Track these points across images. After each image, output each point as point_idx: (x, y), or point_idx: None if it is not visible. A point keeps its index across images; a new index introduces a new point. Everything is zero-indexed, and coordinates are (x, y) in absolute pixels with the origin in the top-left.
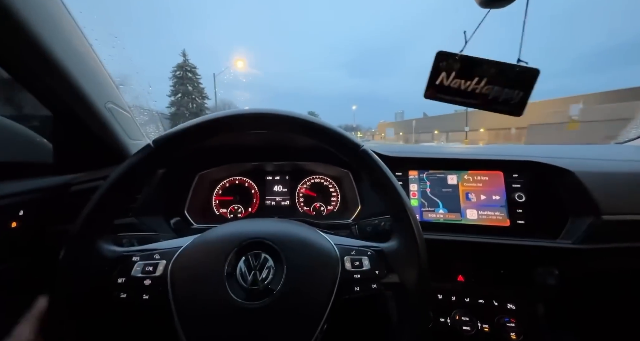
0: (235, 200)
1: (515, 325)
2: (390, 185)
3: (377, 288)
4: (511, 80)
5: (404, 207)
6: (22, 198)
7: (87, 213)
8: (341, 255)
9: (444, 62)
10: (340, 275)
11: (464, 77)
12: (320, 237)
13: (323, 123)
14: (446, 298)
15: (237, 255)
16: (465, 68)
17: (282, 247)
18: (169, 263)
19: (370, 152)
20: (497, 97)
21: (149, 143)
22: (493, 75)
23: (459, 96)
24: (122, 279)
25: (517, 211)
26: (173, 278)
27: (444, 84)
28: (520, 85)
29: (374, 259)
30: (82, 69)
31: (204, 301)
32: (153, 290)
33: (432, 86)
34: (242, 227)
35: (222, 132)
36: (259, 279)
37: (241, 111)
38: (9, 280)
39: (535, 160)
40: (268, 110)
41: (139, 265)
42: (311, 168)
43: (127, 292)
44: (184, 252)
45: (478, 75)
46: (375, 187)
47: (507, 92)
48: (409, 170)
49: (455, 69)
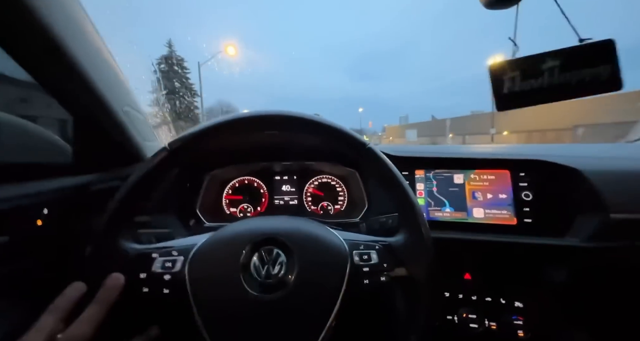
0: (245, 200)
1: (523, 322)
2: (396, 181)
3: (385, 281)
4: (588, 59)
5: (410, 203)
6: (46, 197)
7: (110, 214)
8: (350, 250)
9: (501, 71)
10: (349, 268)
11: (532, 77)
12: (329, 233)
13: (328, 122)
14: (453, 296)
15: (251, 251)
16: (529, 68)
17: (293, 242)
18: (186, 260)
19: (376, 150)
20: (582, 80)
21: (164, 147)
22: (564, 62)
23: (537, 95)
24: (143, 274)
25: (524, 209)
26: (191, 273)
27: (514, 90)
28: (600, 60)
29: (382, 253)
30: (100, 73)
31: (220, 294)
32: (173, 284)
33: (501, 97)
34: (256, 224)
35: (231, 134)
36: (273, 273)
37: (249, 113)
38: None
39: (542, 159)
40: (275, 111)
41: (159, 262)
42: (318, 168)
43: (148, 287)
44: (200, 249)
45: (546, 69)
46: (381, 184)
47: (591, 72)
48: (416, 170)
49: (517, 73)
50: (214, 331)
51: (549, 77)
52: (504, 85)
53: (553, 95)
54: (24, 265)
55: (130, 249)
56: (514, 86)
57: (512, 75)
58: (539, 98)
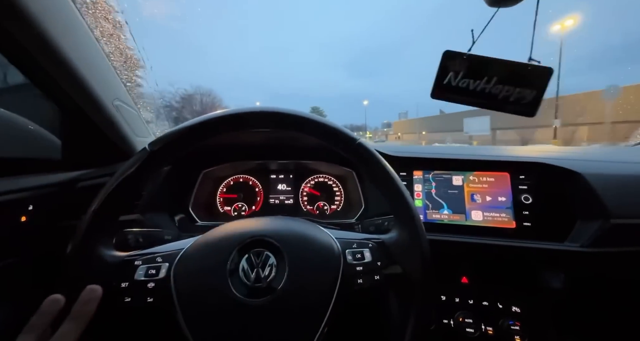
0: (240, 198)
1: (520, 328)
2: (388, 177)
3: (379, 279)
4: (523, 79)
5: (403, 198)
6: (32, 193)
7: (87, 222)
8: (342, 249)
9: (452, 61)
10: (342, 268)
11: (473, 77)
12: (321, 232)
13: (317, 118)
14: (449, 300)
15: (239, 254)
16: (473, 67)
17: (283, 243)
18: (171, 266)
19: (366, 145)
20: (507, 96)
21: (144, 147)
22: (503, 74)
23: (468, 96)
24: (125, 283)
25: (523, 213)
26: (176, 280)
27: (452, 83)
28: (532, 84)
29: (375, 251)
30: (90, 66)
31: (207, 301)
32: (157, 292)
33: (440, 86)
34: (243, 225)
35: (215, 133)
36: (262, 276)
37: (233, 111)
38: (19, 273)
39: (542, 161)
40: (260, 108)
41: (142, 269)
42: (315, 167)
43: (131, 296)
44: (186, 254)
45: (487, 74)
46: (373, 179)
47: (519, 92)
48: (414, 171)
49: (463, 68)
50: (197, 336)
51: (486, 83)
52: (447, 75)
53: (478, 101)
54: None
55: (110, 257)
56: (454, 80)
57: (457, 69)
58: (466, 100)
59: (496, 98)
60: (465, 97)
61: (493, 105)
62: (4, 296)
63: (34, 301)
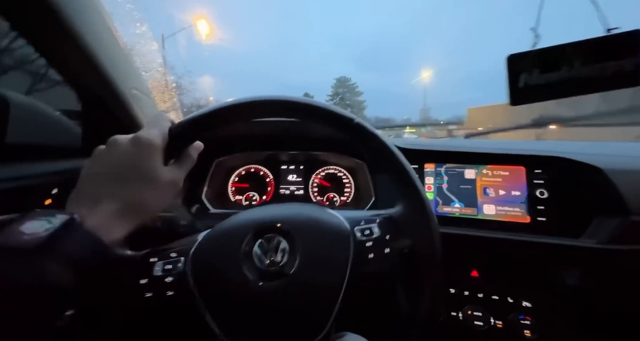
0: (251, 188)
1: (530, 322)
2: (388, 151)
3: (389, 252)
4: (612, 51)
5: (405, 171)
6: (56, 178)
7: None
8: (351, 227)
9: (520, 63)
10: (352, 245)
11: (552, 69)
12: (328, 214)
13: (310, 101)
14: (458, 293)
15: (252, 240)
16: (547, 61)
17: (293, 227)
18: (187, 259)
19: (365, 124)
20: (602, 74)
21: None
22: (587, 54)
23: (554, 89)
24: (144, 280)
25: (538, 208)
26: (193, 272)
27: (529, 84)
28: (624, 52)
29: (383, 225)
30: (108, 53)
31: (225, 286)
32: (176, 285)
33: (516, 91)
34: (254, 214)
35: (207, 130)
36: (275, 260)
37: (223, 104)
38: None
39: (561, 155)
40: (248, 98)
41: (159, 265)
42: (326, 158)
43: (152, 291)
44: (200, 246)
45: (566, 62)
46: (374, 158)
47: (614, 65)
48: (425, 163)
49: (535, 65)
50: (225, 325)
51: (569, 70)
52: (520, 78)
53: (571, 89)
54: None
55: (127, 256)
56: (531, 79)
57: (529, 68)
58: (556, 93)
59: (591, 79)
60: (553, 91)
61: (591, 87)
62: None
63: None
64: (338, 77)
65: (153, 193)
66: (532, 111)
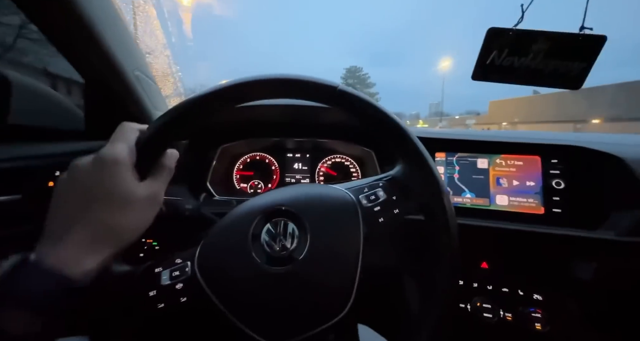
0: (256, 176)
1: (541, 315)
2: (378, 112)
3: (399, 212)
4: (573, 51)
5: (399, 128)
6: (58, 160)
7: None
8: (356, 196)
9: (496, 38)
10: (361, 213)
11: (518, 54)
12: (331, 189)
13: (287, 76)
14: (467, 284)
15: (259, 228)
16: (520, 43)
17: (298, 208)
18: (194, 263)
19: (348, 89)
20: (554, 71)
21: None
22: (551, 48)
23: (510, 74)
24: (153, 292)
25: (553, 199)
26: (203, 273)
27: (495, 63)
28: (581, 55)
29: (387, 188)
30: (111, 32)
31: (239, 281)
32: (188, 290)
33: (482, 66)
34: (256, 202)
35: (175, 136)
36: (285, 245)
37: (189, 100)
38: None
39: (579, 144)
40: (223, 84)
41: (165, 274)
42: (332, 146)
43: (163, 301)
44: (204, 247)
45: (534, 50)
46: (365, 121)
47: (566, 65)
48: (436, 153)
49: (508, 45)
50: (244, 317)
51: (532, 59)
52: (490, 54)
53: (521, 79)
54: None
55: (127, 272)
56: (498, 59)
57: (502, 46)
58: (508, 79)
59: (541, 73)
60: (507, 75)
61: (537, 81)
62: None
63: None
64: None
65: (128, 215)
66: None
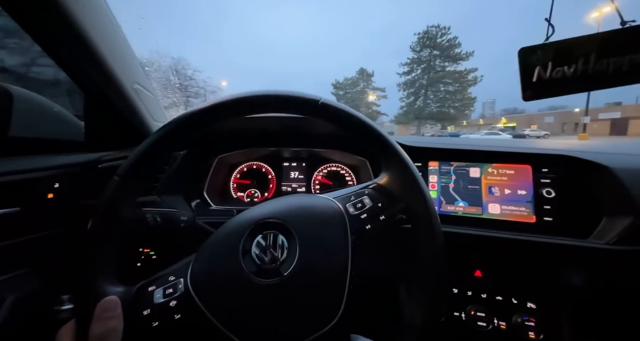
0: (253, 185)
1: (535, 324)
2: (360, 122)
3: (385, 219)
4: (627, 44)
5: (380, 136)
6: (58, 172)
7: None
8: (343, 205)
9: (533, 56)
10: (348, 221)
11: (565, 63)
12: (318, 198)
13: (274, 92)
14: (461, 293)
15: (249, 242)
16: (561, 54)
17: (287, 220)
18: (187, 279)
19: (330, 102)
20: (619, 68)
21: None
22: (602, 48)
23: (569, 84)
24: (147, 310)
25: (544, 207)
26: (196, 289)
27: (543, 78)
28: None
29: (373, 195)
30: (111, 48)
31: (232, 295)
32: (182, 307)
33: (530, 86)
34: (245, 216)
35: (176, 144)
36: (275, 257)
37: (186, 114)
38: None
39: (569, 154)
40: (218, 100)
41: (159, 292)
42: (328, 156)
43: (158, 320)
44: (197, 264)
45: (581, 55)
46: (348, 131)
47: (630, 59)
48: (429, 161)
49: (550, 58)
50: (239, 331)
51: (584, 64)
52: (533, 72)
53: (586, 84)
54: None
55: (121, 292)
56: (545, 73)
57: (543, 62)
58: (571, 88)
59: (606, 74)
60: (566, 86)
61: (604, 83)
62: (37, 264)
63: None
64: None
65: None
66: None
